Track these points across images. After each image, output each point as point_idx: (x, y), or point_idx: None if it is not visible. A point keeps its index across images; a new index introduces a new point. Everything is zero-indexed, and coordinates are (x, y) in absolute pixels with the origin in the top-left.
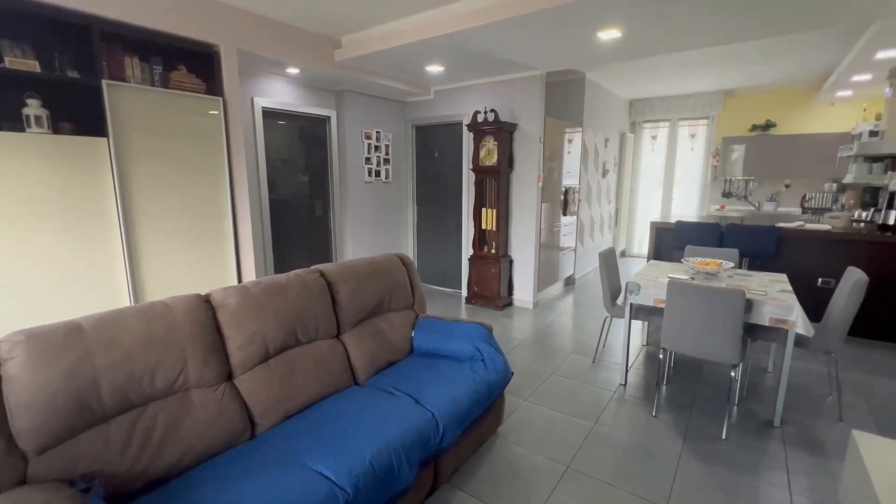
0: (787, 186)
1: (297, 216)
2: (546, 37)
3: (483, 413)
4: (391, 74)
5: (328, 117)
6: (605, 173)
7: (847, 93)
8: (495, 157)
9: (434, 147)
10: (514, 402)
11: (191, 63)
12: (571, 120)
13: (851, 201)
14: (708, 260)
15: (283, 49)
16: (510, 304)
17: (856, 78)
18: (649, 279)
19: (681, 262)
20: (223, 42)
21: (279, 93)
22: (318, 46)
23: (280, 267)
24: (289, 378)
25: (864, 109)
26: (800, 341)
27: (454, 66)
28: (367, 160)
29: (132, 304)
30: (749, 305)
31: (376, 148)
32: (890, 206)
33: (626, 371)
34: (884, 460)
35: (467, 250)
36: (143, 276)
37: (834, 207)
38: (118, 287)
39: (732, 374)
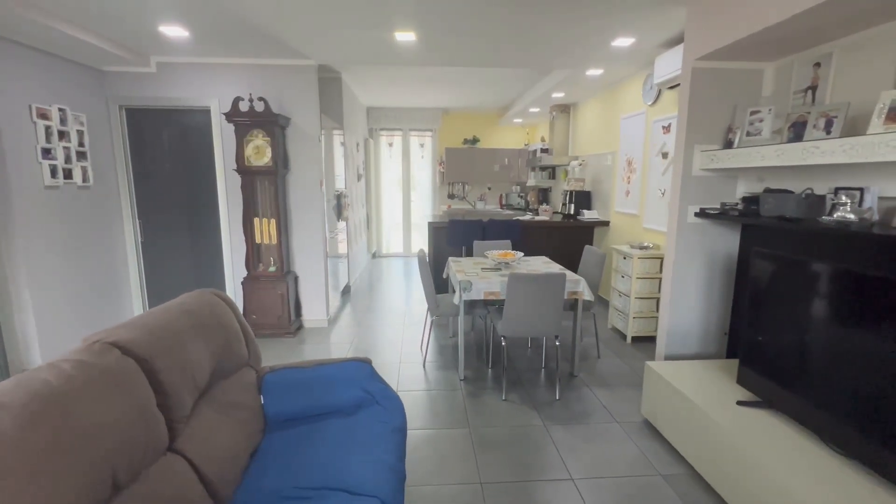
0: (489, 188)
1: None
2: (333, 22)
3: None
4: (86, 24)
5: None
6: (359, 177)
7: (520, 120)
8: (268, 155)
9: (160, 139)
10: None
11: None
12: (334, 120)
13: (533, 199)
14: (504, 252)
15: None
16: (301, 326)
17: (531, 109)
18: (472, 275)
19: (473, 257)
20: None
21: None
22: None
23: None
24: None
25: (528, 133)
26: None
27: (204, 32)
28: (48, 152)
29: None
30: None
31: (62, 134)
32: (571, 202)
33: (462, 366)
34: (683, 376)
35: (236, 272)
36: None
37: (520, 204)
38: None
39: (557, 343)
